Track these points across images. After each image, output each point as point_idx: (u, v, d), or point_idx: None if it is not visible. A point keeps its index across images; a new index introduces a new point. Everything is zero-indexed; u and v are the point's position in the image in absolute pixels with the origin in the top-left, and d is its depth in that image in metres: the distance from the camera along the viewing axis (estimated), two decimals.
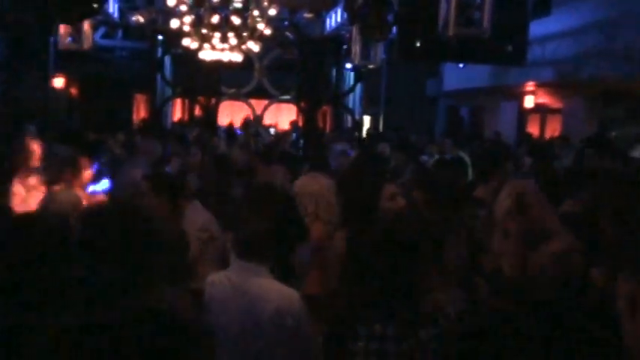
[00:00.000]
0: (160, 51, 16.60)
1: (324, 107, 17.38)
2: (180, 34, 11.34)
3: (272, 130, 17.90)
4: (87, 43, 11.95)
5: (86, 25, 11.80)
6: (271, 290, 2.56)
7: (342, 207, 3.96)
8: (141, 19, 14.52)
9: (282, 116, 20.05)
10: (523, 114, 18.40)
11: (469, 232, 4.19)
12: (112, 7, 13.50)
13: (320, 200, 3.77)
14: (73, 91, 17.96)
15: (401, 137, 13.06)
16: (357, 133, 16.13)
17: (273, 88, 17.15)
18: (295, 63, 16.46)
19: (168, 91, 17.44)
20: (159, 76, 16.72)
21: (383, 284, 2.39)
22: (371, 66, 13.59)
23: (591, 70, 12.90)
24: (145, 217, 2.44)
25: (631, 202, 3.95)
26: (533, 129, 17.93)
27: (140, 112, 18.90)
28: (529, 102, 17.51)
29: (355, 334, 2.36)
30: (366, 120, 20.73)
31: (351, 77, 17.44)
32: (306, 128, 15.61)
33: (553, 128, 16.99)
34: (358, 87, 17.55)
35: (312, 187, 3.84)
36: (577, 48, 13.22)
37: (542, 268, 3.34)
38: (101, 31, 15.98)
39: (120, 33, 16.92)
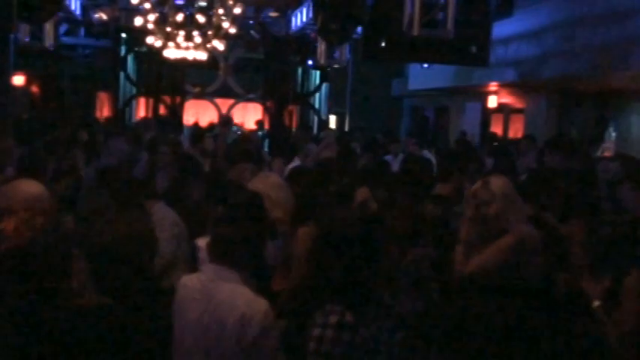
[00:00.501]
0: (123, 49, 16.39)
1: (290, 106, 17.36)
2: (144, 32, 11.23)
3: (235, 129, 17.80)
4: (49, 41, 11.74)
5: (48, 23, 11.59)
6: (239, 297, 2.57)
7: (300, 204, 4.10)
8: (104, 17, 14.32)
9: (248, 116, 19.96)
10: (487, 114, 18.65)
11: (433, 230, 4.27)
12: (74, 4, 13.27)
13: (266, 198, 3.83)
14: (34, 89, 17.63)
15: (368, 137, 13.15)
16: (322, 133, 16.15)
17: (239, 87, 17.08)
18: (261, 62, 16.42)
19: (132, 90, 17.23)
20: (122, 75, 16.51)
21: (342, 277, 2.42)
22: (336, 66, 13.63)
23: (551, 70, 13.14)
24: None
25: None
26: (496, 128, 18.18)
27: (103, 110, 18.64)
28: (492, 102, 17.76)
29: (313, 322, 2.39)
30: (332, 119, 20.79)
31: (317, 76, 17.46)
32: (273, 127, 15.58)
33: (516, 128, 17.26)
34: (324, 86, 17.59)
35: (259, 185, 3.98)
36: (538, 49, 13.46)
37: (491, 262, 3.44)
38: (63, 28, 15.71)
39: (82, 31, 16.65)
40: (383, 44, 9.22)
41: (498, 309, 1.97)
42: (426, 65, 16.06)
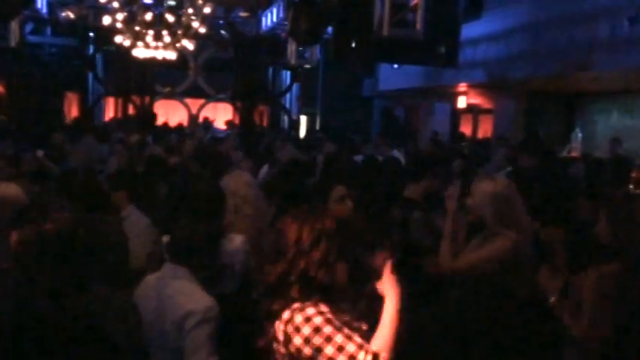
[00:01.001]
0: (91, 48, 16.20)
1: (261, 107, 17.34)
2: (112, 31, 11.11)
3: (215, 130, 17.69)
4: (14, 40, 11.56)
5: (13, 22, 11.41)
6: (185, 293, 2.61)
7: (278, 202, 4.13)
8: (71, 15, 14.13)
9: (218, 116, 19.87)
10: (456, 114, 18.82)
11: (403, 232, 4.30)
12: (41, 3, 13.08)
13: (237, 196, 3.86)
14: (0, 89, 17.32)
15: (342, 137, 13.25)
16: (293, 132, 16.17)
17: (209, 87, 17.00)
18: (231, 62, 16.36)
19: (101, 90, 17.04)
20: (90, 74, 16.31)
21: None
22: (307, 66, 13.66)
23: (519, 71, 13.32)
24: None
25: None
26: (465, 129, 18.36)
27: (72, 111, 18.39)
28: (462, 102, 17.94)
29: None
30: (303, 119, 20.81)
31: (287, 77, 17.46)
32: (243, 128, 15.54)
33: (485, 128, 17.45)
34: (295, 86, 17.59)
35: (230, 184, 4.00)
36: (506, 50, 13.63)
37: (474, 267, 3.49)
38: (29, 27, 15.48)
39: (49, 29, 16.42)
40: (353, 45, 9.27)
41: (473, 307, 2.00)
42: (396, 66, 16.17)
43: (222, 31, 15.69)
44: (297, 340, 2.10)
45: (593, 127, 15.10)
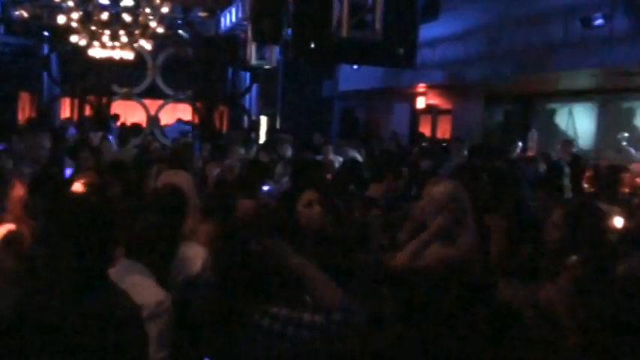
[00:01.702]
0: (46, 48, 15.86)
1: (221, 107, 17.20)
2: (67, 30, 10.90)
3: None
4: None
5: None
6: (136, 287, 2.57)
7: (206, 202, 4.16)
8: (25, 14, 13.81)
9: (177, 117, 19.65)
10: (415, 115, 18.99)
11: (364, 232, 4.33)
12: None
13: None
14: None
15: (303, 139, 13.24)
16: (253, 134, 16.08)
17: (168, 87, 16.78)
18: (190, 62, 16.20)
19: (57, 90, 16.70)
20: (45, 74, 15.97)
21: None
22: (267, 66, 13.60)
23: (477, 71, 13.51)
24: None
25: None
26: (425, 129, 18.54)
27: (25, 111, 17.97)
28: (421, 103, 18.11)
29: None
30: (263, 120, 20.73)
31: (247, 77, 17.37)
32: (203, 129, 15.40)
33: (444, 128, 17.65)
34: (254, 87, 17.51)
35: (169, 180, 4.05)
36: (463, 51, 13.81)
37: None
38: None
39: (2, 28, 16.01)
40: (312, 45, 9.25)
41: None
42: (355, 67, 16.24)
43: (181, 31, 15.53)
44: None
45: (549, 127, 15.40)
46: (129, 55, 11.45)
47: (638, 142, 12.75)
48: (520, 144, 11.33)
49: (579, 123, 14.63)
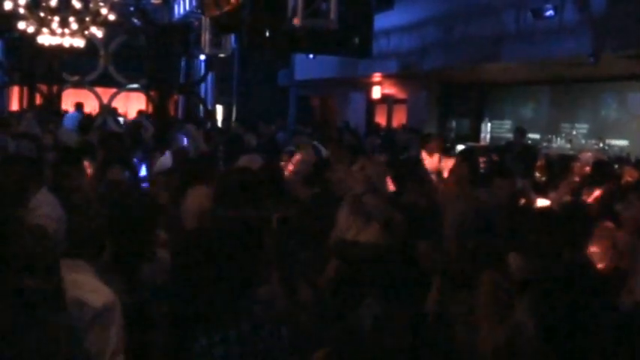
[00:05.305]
0: None
1: (175, 96, 16.97)
2: (14, 16, 10.59)
3: (121, 120, 17.18)
4: None
5: None
6: (79, 286, 2.50)
7: None
8: None
9: (131, 105, 19.33)
10: (371, 104, 19.08)
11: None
12: None
13: None
14: None
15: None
16: (209, 123, 15.92)
17: (121, 76, 16.46)
18: (143, 50, 15.91)
19: (5, 78, 16.25)
20: None
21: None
22: (221, 55, 13.46)
23: (431, 61, 13.61)
24: None
25: None
26: (380, 118, 18.65)
27: None
28: (376, 92, 18.19)
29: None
30: (219, 109, 20.55)
31: (202, 65, 17.16)
32: (157, 117, 15.15)
33: (399, 118, 17.77)
34: (210, 75, 17.31)
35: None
36: (419, 41, 13.88)
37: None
38: None
39: None
40: (267, 34, 9.18)
41: None
42: (311, 56, 16.20)
43: (134, 19, 15.23)
44: None
45: (502, 116, 15.65)
46: (79, 43, 11.20)
47: (588, 131, 13.07)
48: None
49: (531, 113, 14.91)
